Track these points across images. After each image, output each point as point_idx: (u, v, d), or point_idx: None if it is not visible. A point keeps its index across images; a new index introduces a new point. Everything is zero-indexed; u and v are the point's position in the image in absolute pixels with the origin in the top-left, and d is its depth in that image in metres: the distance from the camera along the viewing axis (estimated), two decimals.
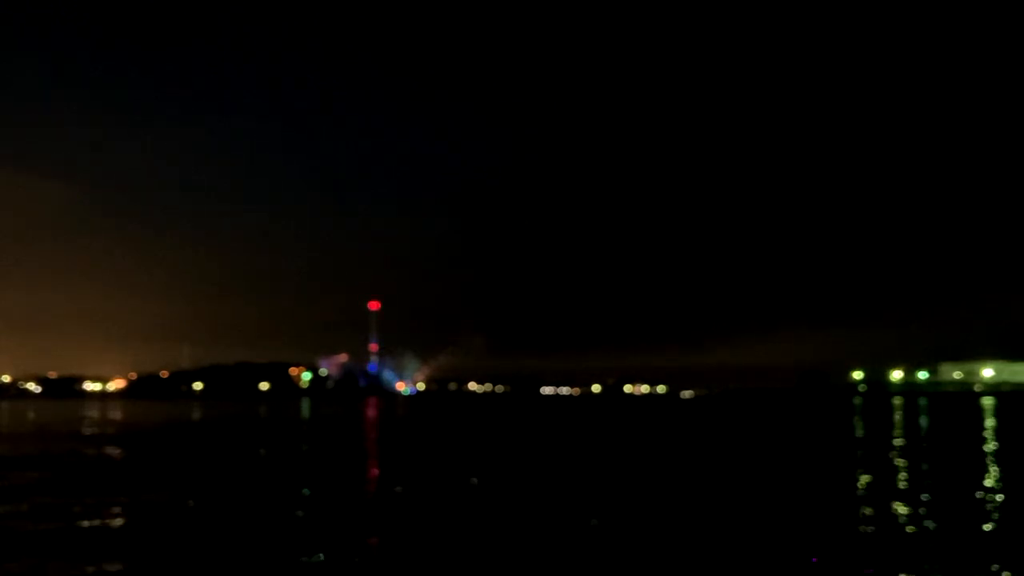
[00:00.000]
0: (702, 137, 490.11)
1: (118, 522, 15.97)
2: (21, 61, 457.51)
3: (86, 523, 15.80)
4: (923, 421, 65.25)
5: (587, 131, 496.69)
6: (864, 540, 14.25)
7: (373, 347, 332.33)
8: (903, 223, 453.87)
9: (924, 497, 19.50)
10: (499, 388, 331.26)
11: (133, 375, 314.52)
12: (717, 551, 13.38)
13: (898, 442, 39.63)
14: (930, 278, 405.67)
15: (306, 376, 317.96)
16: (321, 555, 12.98)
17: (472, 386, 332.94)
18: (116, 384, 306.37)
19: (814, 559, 12.09)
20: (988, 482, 22.58)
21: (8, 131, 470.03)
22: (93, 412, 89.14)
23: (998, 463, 28.10)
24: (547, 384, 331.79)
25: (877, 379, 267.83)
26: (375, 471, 26.06)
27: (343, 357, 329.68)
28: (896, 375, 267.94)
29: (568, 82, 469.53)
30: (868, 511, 17.42)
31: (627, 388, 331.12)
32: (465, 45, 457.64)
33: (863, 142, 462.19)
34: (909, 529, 15.26)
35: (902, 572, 11.97)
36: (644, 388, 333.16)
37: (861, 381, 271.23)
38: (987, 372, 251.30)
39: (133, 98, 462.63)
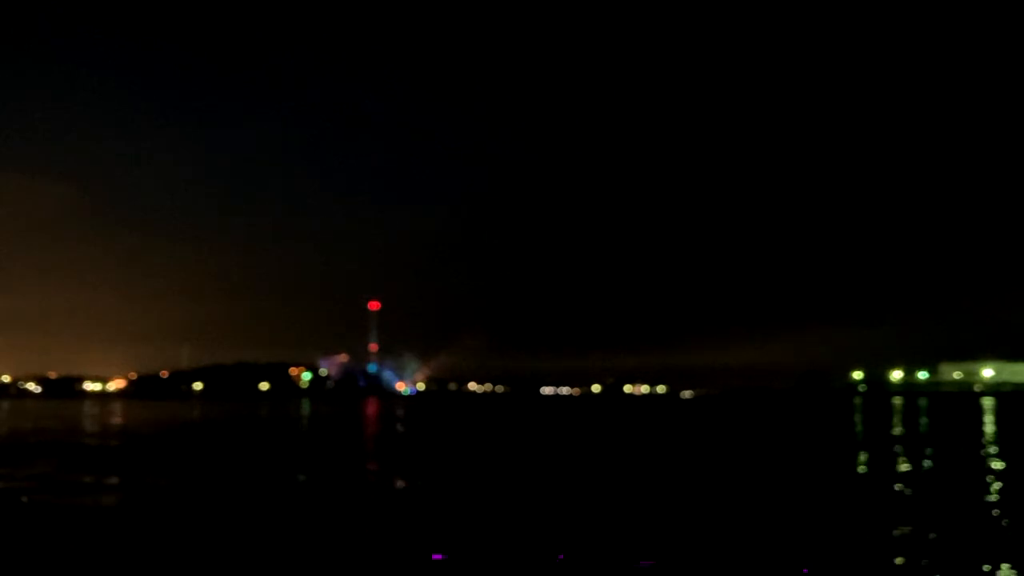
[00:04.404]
0: (702, 137, 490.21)
1: (114, 502, 15.98)
2: (21, 61, 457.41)
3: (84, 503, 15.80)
4: (923, 421, 65.25)
5: (587, 132, 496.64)
6: (862, 543, 14.23)
7: (373, 347, 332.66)
8: (903, 224, 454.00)
9: (925, 497, 19.49)
10: (499, 388, 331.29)
11: (133, 375, 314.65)
12: (709, 556, 13.36)
13: (898, 442, 39.61)
14: (930, 278, 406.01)
15: (306, 376, 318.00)
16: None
17: (472, 386, 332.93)
18: (116, 384, 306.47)
19: (805, 570, 11.92)
20: (988, 482, 22.56)
21: (8, 131, 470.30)
22: (93, 412, 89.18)
23: (998, 463, 28.09)
24: (547, 384, 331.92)
25: (877, 379, 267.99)
26: (374, 464, 26.09)
27: (343, 357, 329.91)
28: (896, 375, 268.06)
29: (568, 84, 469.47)
30: (867, 512, 17.41)
31: (627, 388, 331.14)
32: (466, 44, 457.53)
33: (863, 142, 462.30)
34: (908, 529, 15.24)
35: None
36: (644, 388, 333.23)
37: (861, 381, 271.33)
38: (987, 372, 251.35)
39: (133, 98, 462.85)
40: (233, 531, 14.75)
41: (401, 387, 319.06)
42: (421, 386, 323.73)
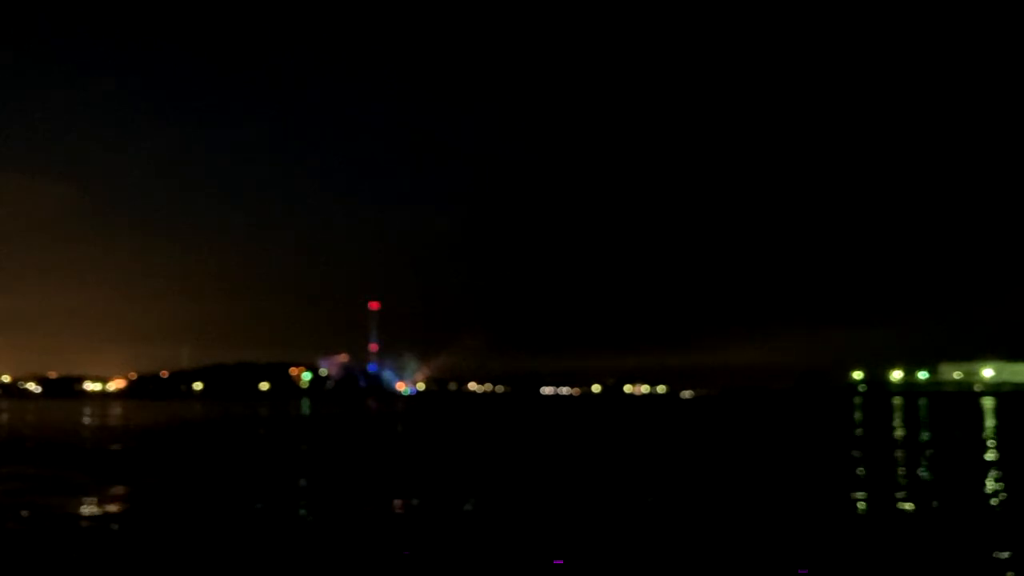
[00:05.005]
0: (702, 137, 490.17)
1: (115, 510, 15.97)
2: (20, 61, 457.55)
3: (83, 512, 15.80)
4: (923, 421, 65.25)
5: (587, 131, 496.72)
6: (860, 544, 14.22)
7: (373, 347, 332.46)
8: (902, 224, 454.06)
9: (926, 496, 19.49)
10: (499, 388, 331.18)
11: (133, 375, 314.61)
12: (707, 558, 13.35)
13: (898, 442, 39.62)
14: (930, 278, 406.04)
15: (306, 376, 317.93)
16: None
17: (472, 386, 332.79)
18: (116, 384, 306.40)
19: (802, 571, 11.80)
20: (989, 483, 22.55)
21: (8, 131, 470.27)
22: (93, 412, 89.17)
23: (999, 464, 28.08)
24: (547, 384, 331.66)
25: (877, 379, 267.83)
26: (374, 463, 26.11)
27: (343, 357, 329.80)
28: (896, 375, 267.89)
29: (568, 84, 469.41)
30: (866, 512, 17.40)
31: (627, 388, 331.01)
32: (466, 44, 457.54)
33: (863, 142, 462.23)
34: (907, 528, 15.23)
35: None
36: (644, 388, 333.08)
37: (861, 381, 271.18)
38: (987, 372, 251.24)
39: (133, 98, 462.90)
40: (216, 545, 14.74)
41: (401, 387, 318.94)
42: (421, 386, 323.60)
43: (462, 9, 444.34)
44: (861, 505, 18.04)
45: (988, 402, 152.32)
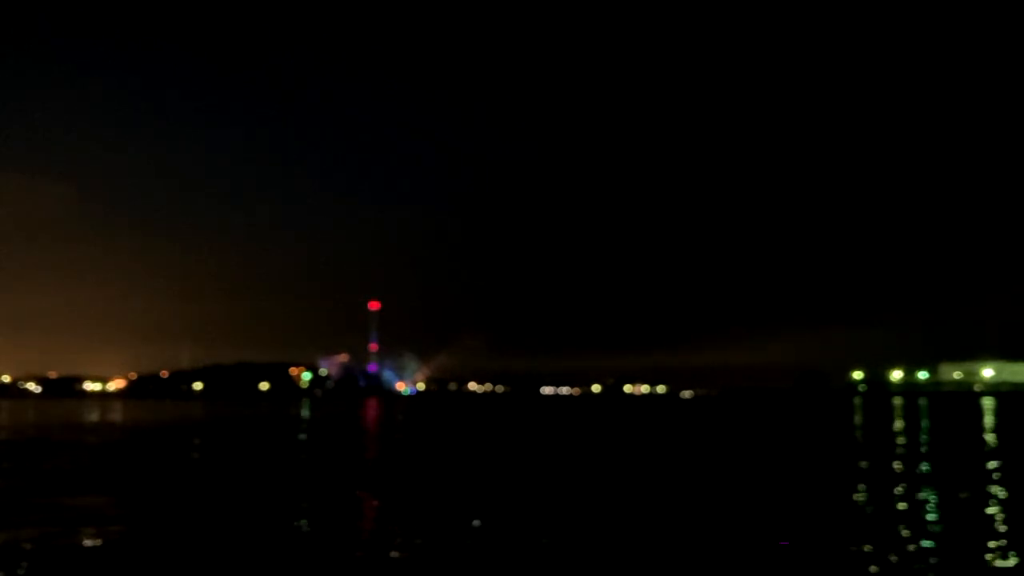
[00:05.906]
0: (702, 138, 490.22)
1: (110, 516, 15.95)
2: (20, 61, 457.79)
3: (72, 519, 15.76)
4: (923, 422, 65.19)
5: (588, 132, 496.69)
6: (861, 544, 14.20)
7: (373, 347, 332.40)
8: (902, 223, 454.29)
9: (925, 495, 19.46)
10: (499, 388, 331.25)
11: (133, 375, 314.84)
12: (705, 554, 13.34)
13: (898, 442, 39.59)
14: (930, 278, 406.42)
15: (306, 376, 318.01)
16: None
17: (472, 386, 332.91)
18: (116, 384, 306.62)
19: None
20: (988, 482, 22.52)
21: (8, 131, 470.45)
22: (93, 411, 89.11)
23: (998, 463, 28.05)
24: (547, 384, 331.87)
25: (877, 379, 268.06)
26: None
27: (343, 357, 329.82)
28: (896, 375, 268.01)
29: (569, 83, 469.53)
30: (866, 510, 17.38)
31: (627, 388, 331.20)
32: (466, 44, 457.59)
33: (863, 142, 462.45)
34: (907, 531, 15.20)
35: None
36: (644, 388, 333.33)
37: (861, 381, 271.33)
38: (987, 372, 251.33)
39: (133, 98, 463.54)
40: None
41: (401, 387, 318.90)
42: (421, 386, 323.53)
43: (461, 9, 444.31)
44: (858, 504, 18.02)
45: (988, 402, 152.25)
